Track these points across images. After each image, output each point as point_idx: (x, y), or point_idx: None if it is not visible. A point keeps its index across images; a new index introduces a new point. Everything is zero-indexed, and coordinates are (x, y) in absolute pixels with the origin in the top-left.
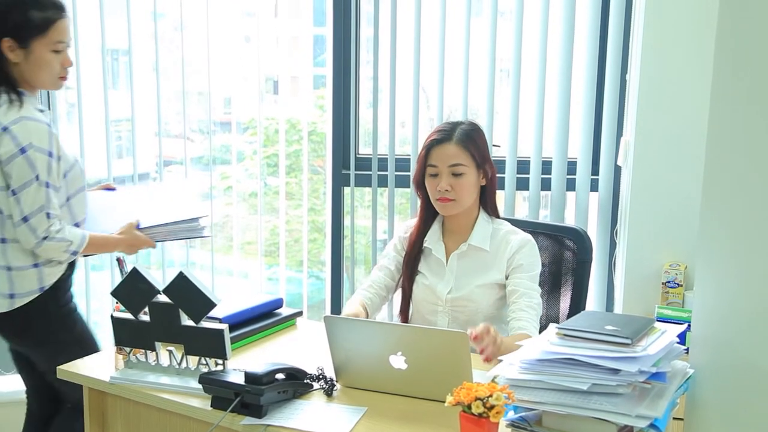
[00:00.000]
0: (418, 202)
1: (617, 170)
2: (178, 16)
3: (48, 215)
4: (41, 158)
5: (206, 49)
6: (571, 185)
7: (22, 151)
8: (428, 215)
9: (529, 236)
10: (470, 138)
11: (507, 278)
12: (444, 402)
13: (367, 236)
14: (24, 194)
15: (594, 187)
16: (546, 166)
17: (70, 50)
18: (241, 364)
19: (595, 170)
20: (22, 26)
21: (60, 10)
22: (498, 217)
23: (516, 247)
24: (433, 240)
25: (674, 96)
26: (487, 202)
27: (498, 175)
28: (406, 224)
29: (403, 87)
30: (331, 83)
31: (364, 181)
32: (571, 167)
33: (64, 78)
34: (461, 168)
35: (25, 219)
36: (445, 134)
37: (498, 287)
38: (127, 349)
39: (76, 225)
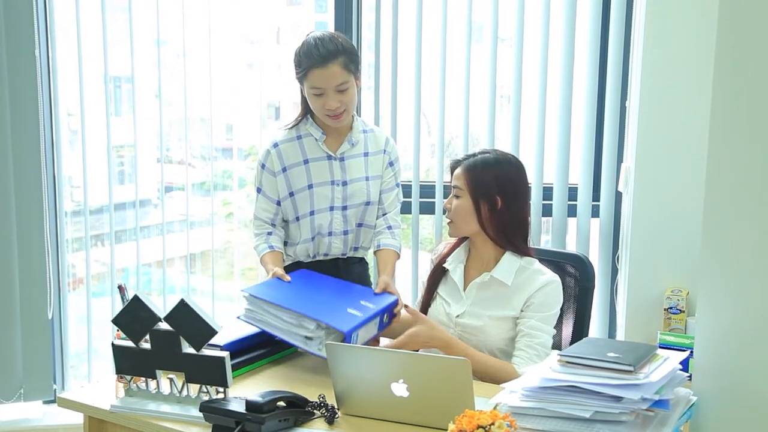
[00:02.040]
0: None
1: (618, 196)
2: (180, 44)
3: (254, 215)
4: (258, 168)
5: (208, 76)
6: (572, 211)
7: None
8: (462, 238)
9: (555, 277)
10: (477, 166)
11: (520, 315)
12: (446, 430)
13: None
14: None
15: (595, 213)
16: (547, 192)
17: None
18: (242, 391)
19: (596, 196)
20: (298, 71)
21: (319, 59)
22: (530, 255)
23: (537, 287)
24: (454, 263)
25: (674, 122)
26: (510, 236)
27: None
28: (445, 242)
29: (404, 113)
30: None
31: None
32: (572, 193)
33: (332, 117)
34: (458, 191)
35: None
36: (464, 157)
37: (511, 322)
38: (128, 377)
39: (294, 244)
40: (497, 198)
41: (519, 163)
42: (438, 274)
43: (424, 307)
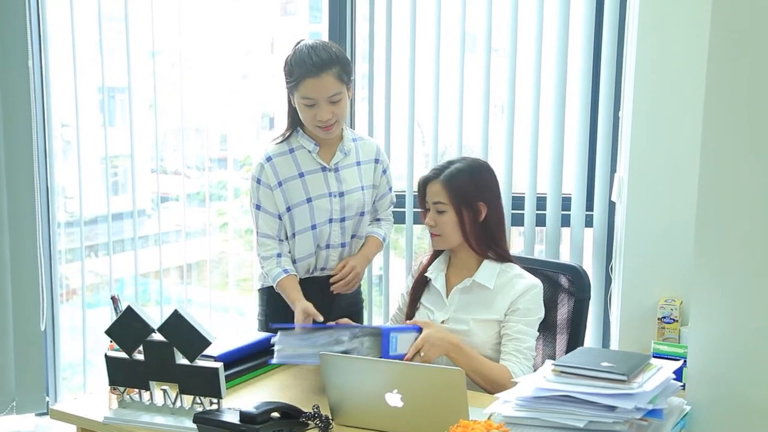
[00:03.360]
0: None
1: (611, 206)
2: (176, 54)
3: (257, 234)
4: (253, 184)
5: (203, 86)
6: (565, 221)
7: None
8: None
9: (536, 281)
10: (454, 177)
11: (504, 319)
12: None
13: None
14: (252, 214)
15: (589, 222)
16: (541, 202)
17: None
18: (236, 402)
19: (589, 206)
20: (289, 80)
21: (312, 69)
22: (510, 260)
23: (520, 292)
24: (435, 271)
25: (667, 132)
26: (490, 242)
27: None
28: (424, 254)
29: (399, 123)
30: None
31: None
32: (566, 203)
33: (322, 128)
34: (441, 206)
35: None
36: (435, 172)
37: (496, 325)
38: (121, 389)
39: (294, 262)
40: (480, 205)
41: (490, 167)
42: (420, 284)
43: (409, 319)
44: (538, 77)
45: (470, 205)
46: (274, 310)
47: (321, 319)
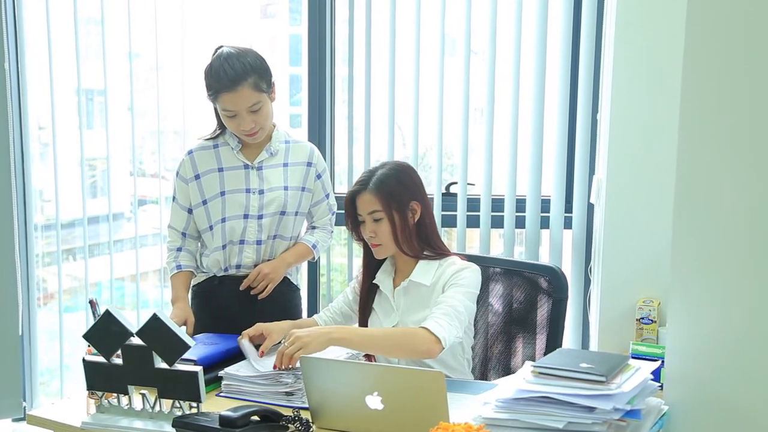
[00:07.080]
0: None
1: (590, 208)
2: (153, 56)
3: (168, 225)
4: (175, 178)
5: (181, 89)
6: (545, 223)
7: None
8: (371, 255)
9: (469, 264)
10: (383, 184)
11: None
12: None
13: (343, 274)
14: None
15: (568, 224)
16: (520, 204)
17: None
18: (215, 406)
19: (568, 208)
20: (208, 93)
21: (227, 83)
22: (448, 253)
23: (450, 274)
24: (382, 277)
25: (644, 134)
26: (423, 243)
27: (473, 213)
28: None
29: (379, 125)
30: (307, 122)
31: (339, 220)
32: (545, 205)
33: (248, 135)
34: (378, 214)
35: None
36: (362, 185)
37: None
38: (99, 393)
39: (208, 255)
40: (414, 204)
41: (411, 166)
42: (370, 292)
43: (364, 325)
44: (517, 80)
45: (404, 207)
46: (198, 310)
47: (191, 323)
